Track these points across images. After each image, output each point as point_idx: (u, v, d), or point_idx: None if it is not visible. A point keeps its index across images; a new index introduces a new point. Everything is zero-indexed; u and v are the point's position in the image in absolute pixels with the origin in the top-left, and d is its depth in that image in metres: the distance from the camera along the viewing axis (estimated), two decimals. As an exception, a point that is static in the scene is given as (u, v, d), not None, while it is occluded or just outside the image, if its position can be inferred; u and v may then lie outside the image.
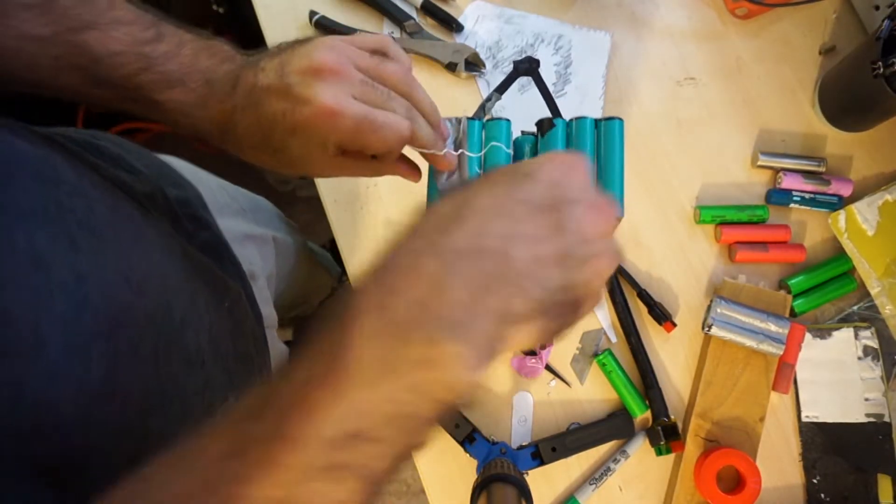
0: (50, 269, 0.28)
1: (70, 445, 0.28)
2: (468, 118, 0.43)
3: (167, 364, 0.35)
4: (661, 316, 0.59)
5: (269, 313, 0.61)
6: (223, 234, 0.55)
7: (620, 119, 0.43)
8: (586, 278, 0.27)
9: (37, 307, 0.27)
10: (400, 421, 0.23)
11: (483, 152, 0.43)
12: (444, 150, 0.40)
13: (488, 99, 0.48)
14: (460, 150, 0.42)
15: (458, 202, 0.27)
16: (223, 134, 0.38)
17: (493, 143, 0.43)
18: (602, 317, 0.61)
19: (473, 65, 0.64)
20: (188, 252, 0.44)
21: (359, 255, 0.62)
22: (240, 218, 0.64)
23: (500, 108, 0.63)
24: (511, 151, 0.44)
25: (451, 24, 0.66)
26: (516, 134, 0.45)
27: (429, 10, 0.66)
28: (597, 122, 0.43)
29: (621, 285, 0.60)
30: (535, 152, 0.44)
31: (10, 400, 0.26)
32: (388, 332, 0.23)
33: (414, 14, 0.66)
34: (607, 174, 0.42)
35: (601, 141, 0.43)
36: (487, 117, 0.44)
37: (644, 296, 0.60)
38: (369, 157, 0.39)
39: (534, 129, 0.45)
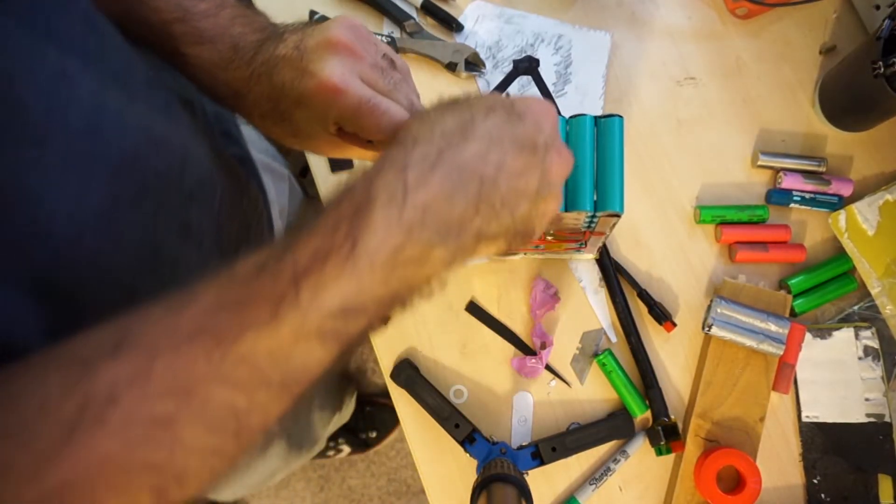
0: (73, 86, 0.29)
1: (60, 263, 0.28)
2: None
3: (166, 229, 0.36)
4: (662, 316, 0.59)
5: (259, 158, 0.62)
6: (252, 154, 0.55)
7: (620, 116, 0.43)
8: (543, 213, 0.32)
9: (51, 112, 0.27)
10: (385, 301, 0.27)
11: None
12: None
13: None
14: None
15: (464, 120, 0.30)
16: (237, 98, 0.39)
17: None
18: (602, 317, 0.61)
19: (473, 65, 0.64)
20: (216, 146, 0.45)
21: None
22: (263, 154, 0.65)
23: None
24: None
25: (451, 24, 0.66)
26: None
27: (429, 9, 0.66)
28: (596, 119, 0.43)
29: (621, 285, 0.60)
30: None
31: (10, 187, 0.26)
32: (398, 228, 0.26)
33: (414, 14, 0.66)
34: (607, 172, 0.42)
35: (601, 138, 0.43)
36: None
37: (644, 296, 0.60)
38: (365, 141, 0.40)
39: None
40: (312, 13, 0.65)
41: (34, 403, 0.22)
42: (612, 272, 0.60)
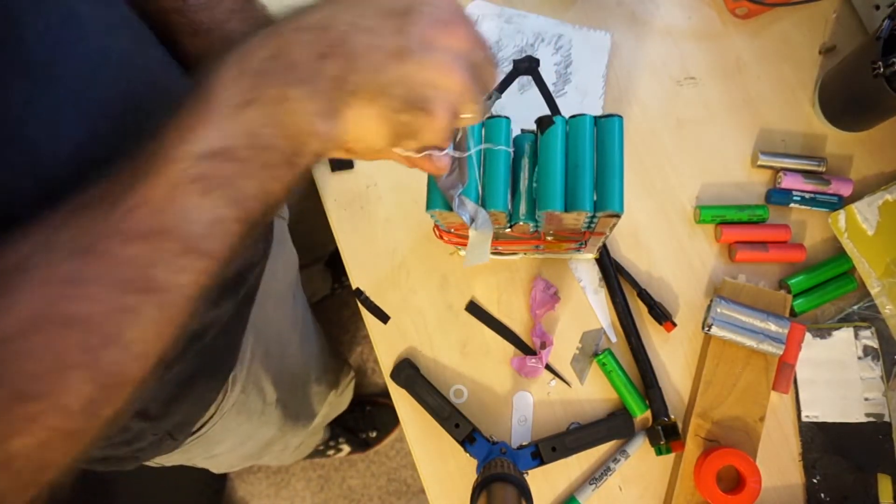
0: (82, 28, 0.30)
1: (41, 200, 0.29)
2: None
3: None
4: (662, 316, 0.59)
5: None
6: None
7: (620, 116, 0.42)
8: (425, 80, 0.30)
9: (55, 52, 0.29)
10: (260, 147, 0.28)
11: (482, 146, 0.43)
12: (437, 154, 0.40)
13: (488, 97, 0.48)
14: (458, 153, 0.42)
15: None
16: None
17: (496, 145, 0.43)
18: (602, 316, 0.61)
19: (473, 64, 0.64)
20: None
21: (358, 254, 0.62)
22: None
23: (500, 108, 0.63)
24: (511, 149, 0.44)
25: (451, 24, 0.66)
26: (516, 132, 0.45)
27: (429, 9, 0.66)
28: (596, 119, 0.43)
29: (621, 285, 0.60)
30: (534, 150, 0.44)
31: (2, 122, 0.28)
32: (245, 77, 0.28)
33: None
34: (607, 172, 0.42)
35: (600, 138, 0.43)
36: (487, 115, 0.44)
37: (644, 295, 0.60)
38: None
39: (534, 127, 0.45)
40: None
41: None
42: (612, 272, 0.60)
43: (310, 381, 0.84)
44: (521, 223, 0.44)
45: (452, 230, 0.51)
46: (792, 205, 0.62)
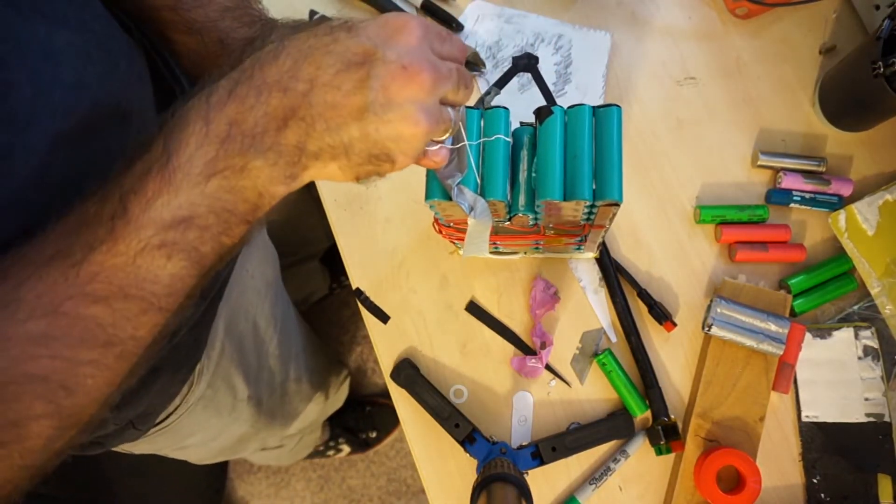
0: (59, 65, 0.31)
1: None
2: (466, 107, 0.43)
3: None
4: (662, 315, 0.59)
5: None
6: None
7: (618, 106, 0.43)
8: (387, 136, 0.30)
9: (36, 96, 0.30)
10: (221, 213, 0.29)
11: (482, 140, 0.43)
12: (433, 148, 0.40)
13: (487, 93, 0.48)
14: (459, 144, 0.42)
15: (278, 45, 0.31)
16: None
17: (494, 135, 0.43)
18: (602, 316, 0.61)
19: (473, 65, 0.64)
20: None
21: (358, 254, 0.62)
22: None
23: (497, 103, 0.63)
24: (510, 140, 0.44)
25: (452, 24, 0.66)
26: (515, 125, 0.45)
27: (429, 9, 0.66)
28: (594, 109, 0.43)
29: (621, 285, 0.60)
30: (533, 142, 0.44)
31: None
32: (209, 144, 0.29)
33: (414, 14, 0.66)
34: (605, 161, 0.42)
35: (599, 128, 0.43)
36: (487, 108, 0.44)
37: (644, 295, 0.60)
38: None
39: (533, 121, 0.45)
40: (312, 13, 0.65)
41: None
42: (613, 272, 0.60)
43: (289, 379, 0.83)
44: (520, 214, 0.44)
45: (452, 224, 0.51)
46: (792, 205, 0.62)
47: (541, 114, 0.43)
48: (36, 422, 0.27)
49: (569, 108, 0.43)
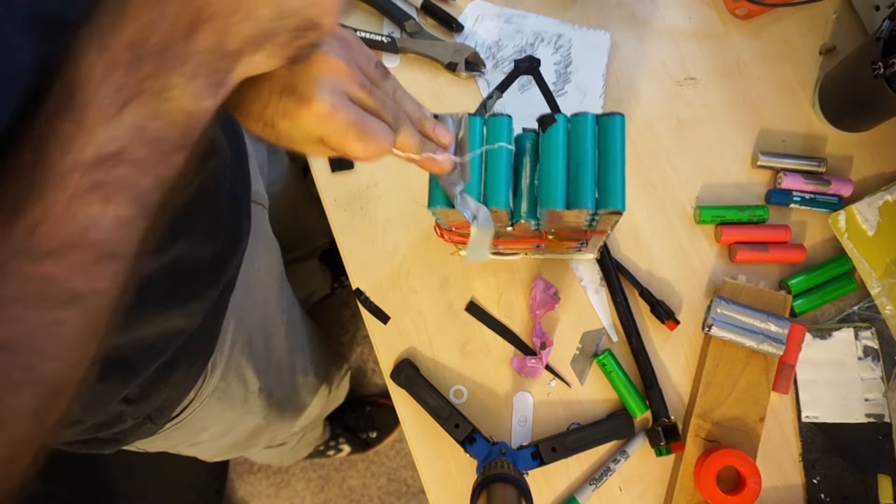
0: None
1: None
2: (469, 114, 0.43)
3: None
4: (665, 314, 0.59)
5: (256, 188, 0.61)
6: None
7: (621, 114, 0.42)
8: (303, 2, 0.28)
9: None
10: (151, 143, 0.27)
11: (484, 149, 0.43)
12: (439, 156, 0.40)
13: (489, 97, 0.48)
14: (459, 158, 0.42)
15: None
16: None
17: (497, 143, 0.43)
18: (603, 316, 0.61)
19: (473, 65, 0.64)
20: None
21: (358, 254, 0.62)
22: None
23: (501, 107, 0.63)
24: (513, 147, 0.44)
25: (452, 24, 0.66)
26: (517, 131, 0.45)
27: (429, 9, 0.66)
28: (598, 117, 0.43)
29: (622, 285, 0.60)
30: (535, 149, 0.44)
31: None
32: (115, 71, 0.26)
33: (414, 14, 0.66)
34: (608, 169, 0.42)
35: (602, 136, 0.43)
36: (489, 114, 0.44)
37: (646, 295, 0.60)
38: None
39: (535, 126, 0.45)
40: None
41: None
42: (613, 272, 0.60)
43: (296, 371, 0.84)
44: (522, 221, 0.44)
45: (453, 228, 0.51)
46: (792, 205, 0.62)
47: (544, 122, 0.43)
48: (13, 392, 0.26)
49: (572, 115, 0.43)
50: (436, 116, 0.44)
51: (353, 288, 0.62)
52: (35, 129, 0.26)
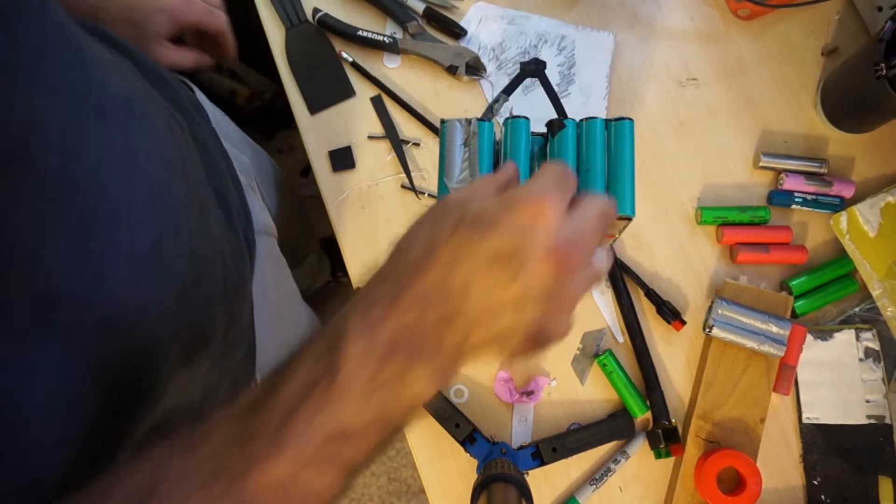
0: (111, 126, 0.31)
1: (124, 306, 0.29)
2: (478, 119, 0.43)
3: (200, 244, 0.38)
4: (671, 314, 0.59)
5: (262, 220, 0.62)
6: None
7: (630, 119, 0.43)
8: (542, 316, 0.31)
9: (101, 158, 0.29)
10: (378, 423, 0.29)
11: (500, 144, 0.43)
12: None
13: (496, 100, 0.48)
14: (469, 159, 0.42)
15: (426, 248, 0.31)
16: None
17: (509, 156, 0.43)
18: (609, 317, 0.61)
19: (474, 69, 0.64)
20: (189, 141, 0.46)
21: (359, 253, 0.63)
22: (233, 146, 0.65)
23: (507, 110, 0.63)
24: (529, 150, 0.44)
25: (454, 30, 0.66)
26: None
27: (431, 15, 0.66)
28: (607, 122, 0.43)
29: (627, 285, 0.60)
30: (544, 154, 0.44)
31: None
32: (372, 358, 0.28)
33: (417, 15, 0.66)
34: (618, 175, 0.42)
35: (611, 142, 0.43)
36: (495, 118, 0.44)
37: (652, 295, 0.60)
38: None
39: (542, 129, 0.45)
40: (316, 10, 0.65)
41: None
42: (619, 273, 0.60)
43: None
44: None
45: None
46: (793, 206, 0.62)
47: (553, 127, 0.43)
48: None
49: (581, 120, 0.43)
50: (443, 121, 0.44)
51: (355, 287, 0.62)
52: (288, 396, 0.28)
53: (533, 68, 0.48)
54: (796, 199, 0.61)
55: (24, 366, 0.25)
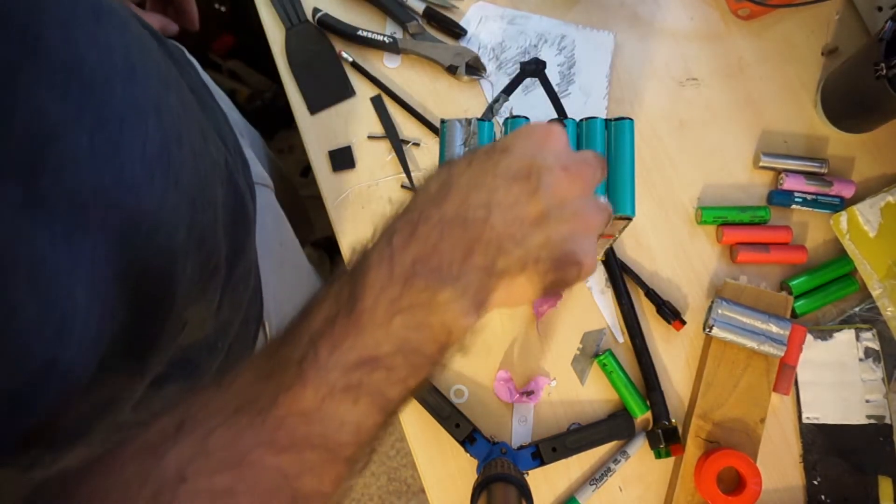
0: (108, 31, 0.30)
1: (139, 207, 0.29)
2: (478, 119, 0.43)
3: (203, 162, 0.37)
4: (671, 314, 0.59)
5: (258, 171, 0.62)
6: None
7: (630, 119, 0.43)
8: (568, 235, 0.31)
9: (103, 59, 0.29)
10: (407, 353, 0.28)
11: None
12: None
13: (496, 100, 0.48)
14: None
15: (444, 181, 0.31)
16: None
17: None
18: (609, 317, 0.61)
19: (474, 68, 0.64)
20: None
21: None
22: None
23: (507, 109, 0.63)
24: None
25: (454, 30, 0.66)
26: None
27: (431, 16, 0.66)
28: (607, 122, 0.43)
29: (627, 285, 0.60)
30: None
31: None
32: (395, 282, 0.28)
33: (417, 15, 0.66)
34: (618, 175, 0.42)
35: (611, 141, 0.43)
36: (496, 118, 0.44)
37: (652, 295, 0.60)
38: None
39: None
40: (316, 10, 0.65)
41: (118, 495, 0.25)
42: (618, 273, 0.60)
43: None
44: None
45: None
46: (794, 206, 0.62)
47: None
48: None
49: (581, 120, 0.43)
50: (443, 121, 0.44)
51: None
52: (312, 328, 0.28)
53: (533, 68, 0.48)
54: (796, 199, 0.61)
55: (67, 263, 0.25)
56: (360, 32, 0.65)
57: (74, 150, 0.25)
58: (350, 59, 0.65)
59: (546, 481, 0.58)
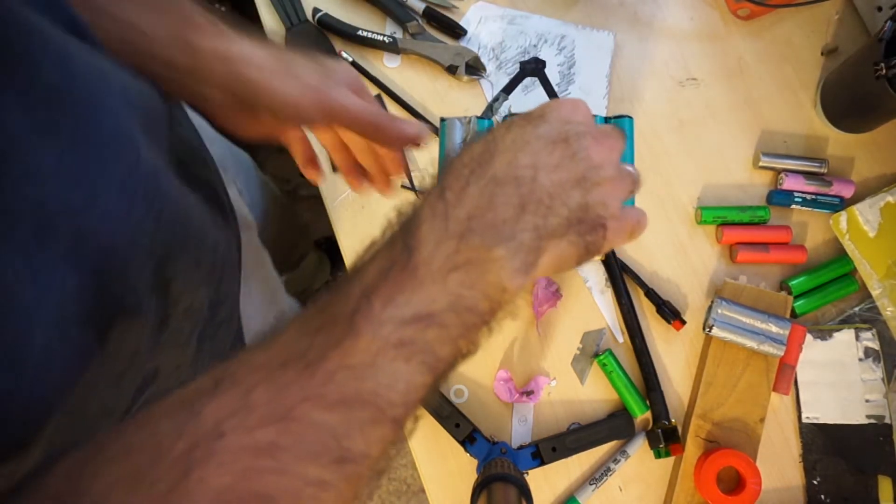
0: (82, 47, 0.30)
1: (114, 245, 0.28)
2: (477, 117, 0.43)
3: (178, 189, 0.37)
4: (671, 314, 0.59)
5: (242, 213, 0.61)
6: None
7: (630, 117, 0.43)
8: (601, 198, 0.32)
9: (86, 70, 0.29)
10: (460, 311, 0.28)
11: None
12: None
13: (495, 99, 0.48)
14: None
15: (488, 143, 0.32)
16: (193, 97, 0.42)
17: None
18: (609, 317, 0.61)
19: (474, 68, 0.64)
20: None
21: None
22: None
23: (507, 109, 0.63)
24: None
25: (454, 30, 0.66)
26: None
27: (431, 16, 0.66)
28: (607, 119, 0.43)
29: (627, 285, 0.60)
30: None
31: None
32: (450, 240, 0.28)
33: (417, 15, 0.66)
34: None
35: None
36: (495, 117, 0.44)
37: (652, 295, 0.60)
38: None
39: None
40: (316, 10, 0.65)
41: (149, 450, 0.23)
42: (618, 272, 0.60)
43: None
44: None
45: None
46: (793, 206, 0.62)
47: None
48: None
49: None
50: (443, 120, 0.44)
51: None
52: (364, 281, 0.28)
53: (533, 67, 0.48)
54: (796, 199, 0.61)
55: (27, 273, 0.24)
56: (359, 32, 0.65)
57: (38, 167, 0.25)
58: (350, 59, 0.65)
59: (546, 481, 0.58)
